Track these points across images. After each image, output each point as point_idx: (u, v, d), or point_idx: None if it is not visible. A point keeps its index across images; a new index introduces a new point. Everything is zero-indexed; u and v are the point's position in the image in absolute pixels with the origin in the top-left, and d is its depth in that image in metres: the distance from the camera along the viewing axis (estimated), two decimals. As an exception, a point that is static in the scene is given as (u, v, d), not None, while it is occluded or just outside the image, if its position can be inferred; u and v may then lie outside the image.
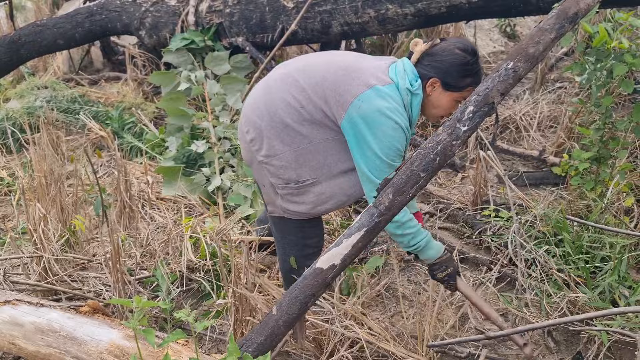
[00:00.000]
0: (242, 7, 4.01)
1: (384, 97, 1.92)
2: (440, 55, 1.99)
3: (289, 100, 1.99)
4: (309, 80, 1.98)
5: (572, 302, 2.24)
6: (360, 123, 1.91)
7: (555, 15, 1.82)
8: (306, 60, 2.10)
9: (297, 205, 2.08)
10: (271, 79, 2.08)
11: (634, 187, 2.82)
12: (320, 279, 1.67)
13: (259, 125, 2.03)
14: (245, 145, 2.12)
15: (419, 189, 1.75)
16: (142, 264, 2.78)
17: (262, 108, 2.03)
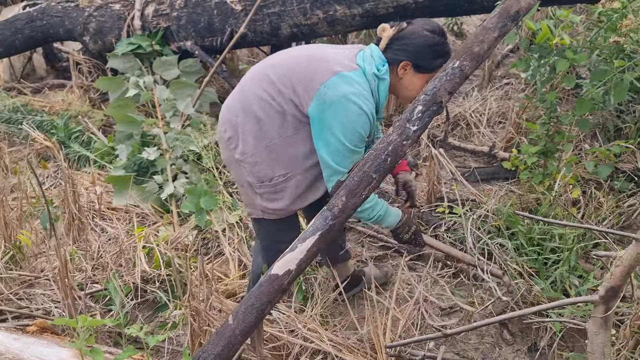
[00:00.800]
0: (190, 10, 3.94)
1: (349, 83, 1.91)
2: (409, 39, 1.99)
3: (260, 94, 1.99)
4: (278, 73, 1.99)
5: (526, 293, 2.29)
6: (325, 109, 1.91)
7: (498, 14, 1.86)
8: (277, 57, 2.11)
9: (276, 202, 2.08)
10: (244, 80, 2.11)
11: (579, 179, 2.91)
12: (276, 285, 1.65)
13: (235, 123, 2.03)
14: (224, 144, 2.13)
15: (372, 190, 1.75)
16: (93, 278, 2.70)
17: (237, 106, 2.04)
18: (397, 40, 2.00)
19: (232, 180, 3.33)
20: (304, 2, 3.28)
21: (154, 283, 2.61)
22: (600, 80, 2.46)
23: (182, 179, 3.39)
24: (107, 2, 4.50)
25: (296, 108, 1.96)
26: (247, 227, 2.92)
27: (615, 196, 2.81)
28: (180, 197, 3.26)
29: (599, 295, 1.57)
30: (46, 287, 2.61)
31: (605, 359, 1.58)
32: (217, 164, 3.42)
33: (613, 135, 3.15)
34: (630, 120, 3.06)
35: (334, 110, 1.90)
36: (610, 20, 2.77)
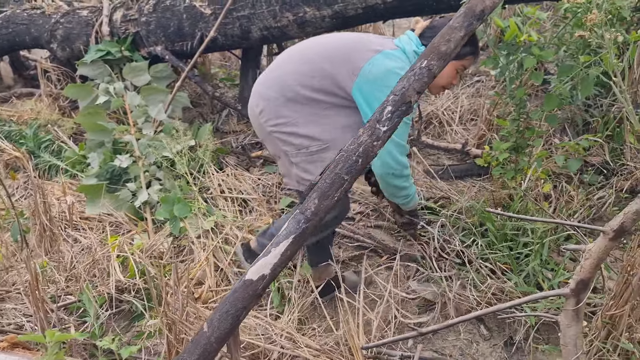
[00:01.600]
0: (159, 15, 3.90)
1: (392, 59, 2.03)
2: (441, 27, 2.05)
3: (299, 70, 2.08)
4: (320, 52, 2.09)
5: (500, 288, 2.32)
6: (371, 84, 2.01)
7: (463, 13, 1.87)
8: (315, 39, 2.21)
9: (310, 174, 2.13)
10: (279, 59, 2.18)
11: (550, 174, 2.95)
12: (251, 291, 1.64)
13: (268, 96, 2.10)
14: (255, 119, 2.19)
15: (344, 192, 1.75)
16: (67, 289, 2.65)
17: (272, 81, 2.12)
18: (429, 29, 2.17)
19: (207, 186, 3.31)
20: (273, 4, 3.27)
21: (129, 292, 2.57)
22: (567, 75, 2.50)
23: (156, 185, 3.35)
24: (74, 9, 4.43)
25: (336, 86, 2.05)
26: (222, 232, 2.90)
27: (585, 189, 2.86)
28: (155, 204, 3.23)
29: (569, 289, 1.60)
30: (17, 301, 2.55)
31: (577, 350, 1.60)
32: (191, 170, 3.39)
33: (582, 130, 3.21)
34: (598, 114, 3.11)
35: (379, 84, 2.00)
36: (576, 15, 2.82)
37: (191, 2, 3.73)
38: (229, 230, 2.87)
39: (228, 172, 3.40)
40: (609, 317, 1.78)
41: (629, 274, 1.69)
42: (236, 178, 3.35)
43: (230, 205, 3.19)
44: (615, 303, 1.75)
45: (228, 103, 3.96)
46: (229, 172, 3.40)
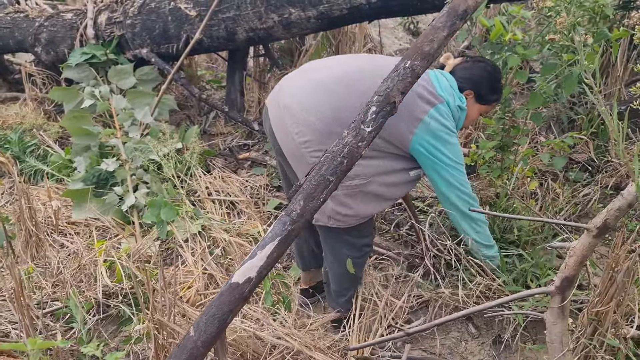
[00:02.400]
0: (144, 17, 3.88)
1: (445, 116, 2.05)
2: (475, 70, 2.20)
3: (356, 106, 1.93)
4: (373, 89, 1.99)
5: (488, 286, 2.33)
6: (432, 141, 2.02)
7: (446, 13, 1.88)
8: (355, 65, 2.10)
9: (346, 208, 2.08)
10: (328, 82, 2.03)
11: (537, 172, 2.97)
12: (237, 294, 1.63)
13: (319, 129, 1.99)
14: (295, 145, 2.05)
15: (330, 193, 1.74)
16: (53, 295, 2.62)
17: (326, 111, 1.99)
18: (461, 70, 2.19)
19: (194, 189, 3.30)
20: (258, 6, 3.26)
21: (116, 297, 2.56)
22: (550, 74, 2.51)
23: (143, 189, 3.33)
24: (58, 12, 4.40)
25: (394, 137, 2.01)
26: (210, 235, 2.89)
27: (571, 186, 2.88)
28: (142, 208, 3.21)
29: (554, 286, 1.61)
30: (3, 308, 2.53)
31: (563, 347, 1.61)
32: (179, 173, 3.38)
33: (567, 127, 3.23)
34: (582, 111, 3.14)
35: (442, 141, 2.03)
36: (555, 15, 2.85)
37: (176, 4, 3.72)
38: (217, 234, 2.86)
39: (215, 175, 3.39)
40: (595, 314, 1.79)
41: (614, 270, 1.70)
42: (223, 180, 3.34)
43: (218, 207, 3.18)
44: (600, 300, 1.76)
45: (215, 105, 3.95)
46: (216, 174, 3.39)
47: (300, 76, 2.12)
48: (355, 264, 2.22)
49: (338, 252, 2.23)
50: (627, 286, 1.63)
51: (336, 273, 2.28)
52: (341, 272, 2.25)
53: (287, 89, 2.10)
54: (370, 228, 2.29)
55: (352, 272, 2.21)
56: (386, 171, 2.07)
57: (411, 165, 2.12)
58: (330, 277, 2.34)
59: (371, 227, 2.30)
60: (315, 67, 2.15)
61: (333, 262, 2.27)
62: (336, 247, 2.24)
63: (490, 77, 2.22)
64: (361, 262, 2.29)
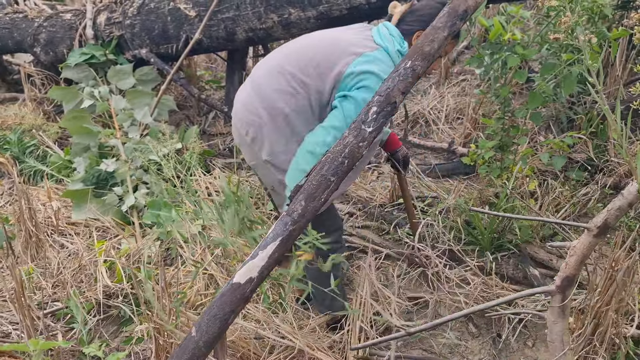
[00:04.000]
0: (143, 17, 3.88)
1: (373, 62, 1.94)
2: (422, 10, 2.10)
3: (281, 88, 1.97)
4: (297, 63, 1.97)
5: (488, 286, 2.33)
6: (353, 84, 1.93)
7: (447, 13, 1.88)
8: (286, 49, 2.07)
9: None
10: (256, 77, 2.06)
11: (536, 171, 2.98)
12: (239, 294, 1.63)
13: (259, 123, 2.00)
14: (247, 147, 2.08)
15: (331, 193, 1.75)
16: (54, 296, 2.62)
17: (258, 105, 2.00)
18: (410, 14, 2.11)
19: (194, 189, 3.30)
20: (257, 6, 3.26)
21: (117, 297, 2.56)
22: (550, 73, 2.52)
23: (142, 189, 3.33)
24: (57, 12, 4.40)
25: (321, 94, 1.96)
26: (210, 235, 2.89)
27: (571, 186, 2.89)
28: (142, 208, 3.21)
29: (555, 285, 1.61)
30: (4, 309, 2.53)
31: (564, 346, 1.62)
32: (178, 173, 3.38)
33: (566, 127, 3.24)
34: (581, 111, 3.14)
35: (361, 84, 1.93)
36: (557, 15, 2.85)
37: (175, 4, 3.71)
38: (216, 235, 2.86)
39: (215, 175, 3.38)
40: (595, 313, 1.80)
41: (614, 269, 1.70)
42: (223, 180, 3.33)
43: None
44: (601, 298, 1.77)
45: (214, 105, 3.95)
46: (216, 174, 3.39)
47: (247, 79, 2.14)
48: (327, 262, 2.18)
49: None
50: (627, 285, 1.64)
51: (312, 275, 2.24)
52: (316, 274, 2.21)
53: (237, 95, 2.14)
54: (336, 223, 2.25)
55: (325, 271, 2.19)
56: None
57: None
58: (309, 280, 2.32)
59: (337, 222, 2.26)
60: (258, 66, 2.13)
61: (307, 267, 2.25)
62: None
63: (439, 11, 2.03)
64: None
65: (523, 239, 2.55)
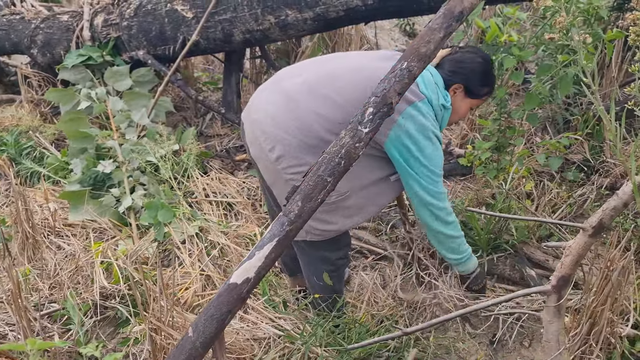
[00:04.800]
0: (140, 19, 3.88)
1: (424, 115, 1.89)
2: (464, 62, 2.03)
3: (326, 115, 1.88)
4: (344, 94, 1.89)
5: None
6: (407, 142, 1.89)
7: (443, 14, 1.89)
8: (325, 68, 1.98)
9: (326, 224, 1.99)
10: (293, 91, 1.94)
11: (532, 172, 2.99)
12: (236, 294, 1.63)
13: (289, 142, 1.90)
14: (269, 164, 1.97)
15: (327, 194, 1.75)
16: (51, 297, 2.62)
17: (291, 123, 1.90)
18: (450, 62, 2.03)
19: (192, 190, 3.30)
20: (255, 7, 3.27)
21: (114, 299, 2.56)
22: (546, 75, 2.53)
23: (140, 190, 3.33)
24: (55, 14, 4.39)
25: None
26: (207, 237, 2.90)
27: (567, 186, 2.90)
28: (139, 210, 3.21)
29: (551, 285, 1.62)
30: (0, 310, 2.52)
31: (560, 346, 1.62)
32: (176, 175, 3.38)
33: (562, 128, 3.25)
34: (578, 112, 3.15)
35: (415, 142, 1.88)
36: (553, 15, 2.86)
37: (173, 5, 3.72)
38: (214, 236, 2.86)
39: (212, 176, 3.39)
40: (591, 313, 1.80)
41: (609, 269, 1.71)
42: (220, 182, 3.34)
43: (215, 209, 3.18)
44: (596, 298, 1.77)
45: (211, 107, 3.95)
46: (213, 175, 3.40)
47: (271, 86, 2.03)
48: (332, 277, 2.17)
49: (314, 267, 2.20)
50: (623, 285, 1.65)
51: (314, 286, 2.24)
52: (319, 285, 2.21)
53: (257, 102, 2.02)
54: (346, 240, 2.22)
55: (330, 284, 2.17)
56: (363, 184, 1.97)
57: (391, 170, 2.00)
58: (309, 289, 2.32)
59: (347, 239, 2.23)
60: (287, 73, 2.04)
61: (310, 276, 2.24)
62: (311, 262, 2.20)
63: (482, 69, 2.05)
64: (338, 275, 2.23)
65: (519, 240, 2.56)
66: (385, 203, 2.07)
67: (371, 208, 2.03)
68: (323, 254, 2.16)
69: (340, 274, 2.26)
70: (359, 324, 2.21)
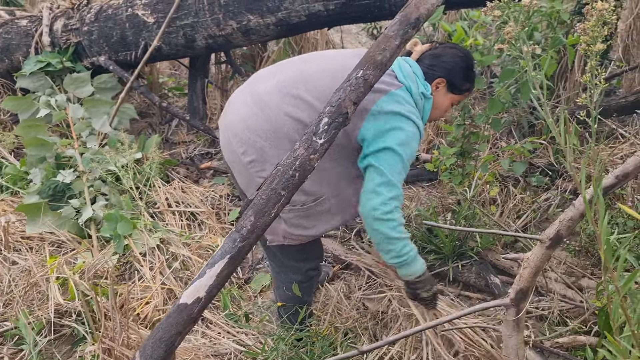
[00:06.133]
0: (101, 24, 3.78)
1: (400, 102, 1.83)
2: (446, 56, 1.98)
3: (297, 116, 1.83)
4: (315, 93, 1.84)
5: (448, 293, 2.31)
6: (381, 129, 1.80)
7: (399, 21, 1.85)
8: (298, 68, 1.92)
9: (303, 229, 1.94)
10: (264, 93, 1.88)
11: (498, 177, 2.97)
12: (186, 315, 1.57)
13: (262, 145, 1.84)
14: (242, 168, 1.91)
15: (282, 207, 1.70)
16: (5, 315, 2.52)
17: (264, 126, 1.84)
18: (431, 57, 1.98)
19: (154, 200, 3.22)
20: (216, 12, 3.20)
21: (70, 316, 2.47)
22: (509, 79, 2.51)
23: (101, 201, 3.24)
24: (13, 19, 4.26)
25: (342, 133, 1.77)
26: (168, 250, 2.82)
27: (532, 192, 2.89)
28: (100, 221, 3.11)
29: (509, 299, 1.59)
30: (-51, 332, 2.42)
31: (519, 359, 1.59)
32: (138, 184, 3.29)
33: (528, 132, 3.24)
34: (542, 116, 3.14)
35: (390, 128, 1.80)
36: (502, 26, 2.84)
37: (134, 10, 3.63)
38: (176, 248, 2.78)
39: (175, 185, 3.31)
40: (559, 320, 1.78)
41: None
42: (183, 191, 3.26)
43: (178, 219, 3.10)
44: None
45: (176, 113, 3.87)
46: (176, 185, 3.32)
47: (245, 88, 1.98)
48: (302, 288, 2.13)
49: (285, 277, 2.16)
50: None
51: (282, 296, 2.21)
52: (287, 296, 2.18)
53: (232, 105, 1.97)
54: (319, 252, 2.19)
55: (298, 295, 2.14)
56: (339, 185, 1.92)
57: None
58: (276, 297, 2.29)
59: (319, 250, 2.20)
60: (261, 76, 1.98)
61: (279, 285, 2.21)
62: (282, 271, 2.16)
63: (464, 64, 2.00)
64: (308, 286, 2.19)
65: (484, 246, 2.53)
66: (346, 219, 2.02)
67: (349, 209, 1.97)
68: (295, 264, 2.13)
69: (310, 285, 2.23)
70: (322, 338, 2.16)
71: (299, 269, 2.13)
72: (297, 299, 2.19)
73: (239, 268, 2.90)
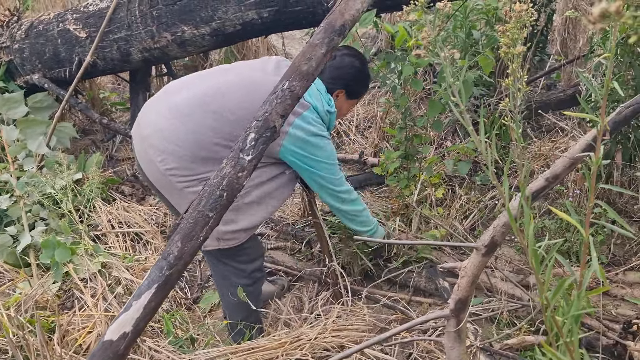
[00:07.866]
0: (32, 41, 3.62)
1: (310, 123, 1.98)
2: (344, 68, 2.13)
3: (219, 128, 1.91)
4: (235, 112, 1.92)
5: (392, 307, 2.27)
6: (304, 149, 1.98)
7: (323, 29, 1.79)
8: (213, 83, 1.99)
9: (232, 223, 1.99)
10: (183, 105, 1.94)
11: (445, 177, 2.95)
12: (111, 353, 1.48)
13: (181, 154, 1.91)
14: (160, 176, 1.96)
15: (210, 231, 1.62)
16: None
17: (183, 136, 1.90)
18: (330, 69, 2.11)
19: (95, 224, 3.09)
20: (149, 25, 3.09)
21: (5, 353, 2.33)
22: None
23: (40, 226, 3.09)
24: (-61, 38, 4.05)
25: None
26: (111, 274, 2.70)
27: (478, 191, 2.88)
28: (40, 247, 2.97)
29: (449, 309, 1.55)
30: None
31: (463, 371, 1.56)
32: (78, 205, 3.16)
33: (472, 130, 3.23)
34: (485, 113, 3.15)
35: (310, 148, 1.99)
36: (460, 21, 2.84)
37: (65, 25, 3.48)
38: (118, 272, 2.67)
39: (117, 205, 3.18)
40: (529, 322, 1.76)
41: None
42: (126, 210, 3.14)
43: (122, 240, 2.99)
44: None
45: (117, 129, 3.73)
46: (118, 204, 3.19)
47: (159, 100, 2.03)
48: (248, 293, 2.13)
49: (228, 282, 2.17)
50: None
51: (230, 304, 2.21)
52: (234, 303, 2.17)
53: (147, 117, 2.02)
54: (259, 251, 2.24)
55: (245, 301, 2.11)
56: (261, 181, 2.02)
57: (285, 166, 2.09)
58: (224, 309, 2.25)
59: (260, 249, 2.25)
60: (175, 88, 2.05)
61: (225, 292, 2.21)
62: (225, 276, 2.17)
63: (359, 73, 2.17)
64: (254, 291, 2.21)
65: (433, 250, 2.51)
66: (285, 196, 2.13)
67: (272, 202, 2.07)
68: (237, 266, 2.14)
69: (256, 289, 2.24)
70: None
71: (242, 271, 2.15)
72: (245, 307, 2.18)
73: (187, 287, 2.81)
